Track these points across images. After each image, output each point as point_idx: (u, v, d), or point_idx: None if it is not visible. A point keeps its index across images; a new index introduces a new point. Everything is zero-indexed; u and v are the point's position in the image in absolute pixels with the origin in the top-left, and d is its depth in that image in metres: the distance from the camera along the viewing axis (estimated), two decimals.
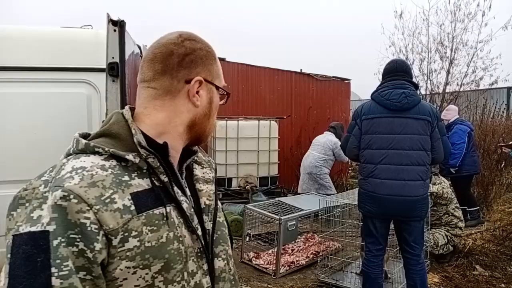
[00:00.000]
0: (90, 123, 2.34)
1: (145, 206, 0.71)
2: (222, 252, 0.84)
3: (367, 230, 2.87)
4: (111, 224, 0.66)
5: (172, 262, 0.72)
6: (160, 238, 0.71)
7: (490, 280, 3.68)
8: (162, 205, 0.74)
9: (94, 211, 0.65)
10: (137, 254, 0.68)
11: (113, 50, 1.67)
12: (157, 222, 0.72)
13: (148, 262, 0.69)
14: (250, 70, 7.57)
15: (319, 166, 5.79)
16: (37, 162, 2.30)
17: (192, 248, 0.78)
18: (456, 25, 8.54)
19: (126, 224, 0.68)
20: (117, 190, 0.70)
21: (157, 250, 0.70)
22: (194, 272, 0.77)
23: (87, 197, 0.65)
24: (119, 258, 0.67)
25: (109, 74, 1.65)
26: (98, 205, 0.66)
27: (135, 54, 2.24)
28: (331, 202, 3.82)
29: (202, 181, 0.90)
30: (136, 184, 0.73)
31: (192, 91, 0.82)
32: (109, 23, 1.65)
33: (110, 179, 0.70)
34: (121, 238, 0.67)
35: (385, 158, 2.69)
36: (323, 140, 5.95)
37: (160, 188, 0.75)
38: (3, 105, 2.31)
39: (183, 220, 0.77)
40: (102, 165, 0.71)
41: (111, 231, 0.66)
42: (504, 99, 10.91)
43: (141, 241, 0.69)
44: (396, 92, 2.69)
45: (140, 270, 0.69)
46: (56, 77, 2.34)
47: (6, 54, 2.30)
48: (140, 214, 0.70)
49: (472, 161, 5.36)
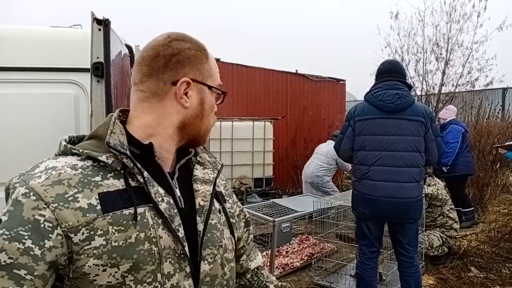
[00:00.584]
0: (77, 124, 2.29)
1: (113, 206, 0.72)
2: (209, 255, 0.81)
3: (361, 232, 2.85)
4: (70, 221, 0.68)
5: (142, 263, 0.72)
6: (128, 238, 0.72)
7: (485, 282, 3.66)
8: (132, 206, 0.73)
9: (51, 209, 0.68)
10: (104, 253, 0.69)
11: (98, 49, 1.63)
12: (125, 223, 0.72)
13: (116, 261, 0.70)
14: (245, 71, 7.54)
15: (320, 176, 5.61)
16: (23, 164, 2.26)
17: (170, 250, 0.76)
18: (451, 26, 8.56)
19: (92, 223, 0.69)
20: (82, 190, 0.71)
21: (124, 250, 0.71)
22: (171, 274, 0.76)
23: (45, 195, 0.68)
24: (86, 256, 0.69)
25: (94, 74, 1.61)
26: (56, 203, 0.68)
27: (123, 54, 2.20)
28: (326, 203, 3.79)
29: (201, 182, 0.88)
30: (109, 184, 0.74)
31: (179, 92, 0.82)
32: (94, 22, 1.61)
33: (77, 179, 0.72)
34: (87, 236, 0.69)
35: (378, 159, 2.66)
36: (326, 150, 5.72)
37: (136, 189, 0.75)
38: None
39: (162, 221, 0.76)
40: (73, 165, 0.74)
41: (70, 228, 0.68)
42: (499, 100, 10.95)
43: (107, 240, 0.70)
44: (389, 93, 2.66)
45: (109, 268, 0.70)
46: (43, 78, 2.28)
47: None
48: (106, 214, 0.71)
49: (465, 162, 5.36)
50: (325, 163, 5.65)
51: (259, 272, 1.08)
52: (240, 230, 1.03)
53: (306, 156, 7.52)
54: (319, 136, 7.68)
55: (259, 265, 1.09)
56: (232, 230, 0.93)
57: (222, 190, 1.00)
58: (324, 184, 5.63)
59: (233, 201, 1.04)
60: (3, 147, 2.25)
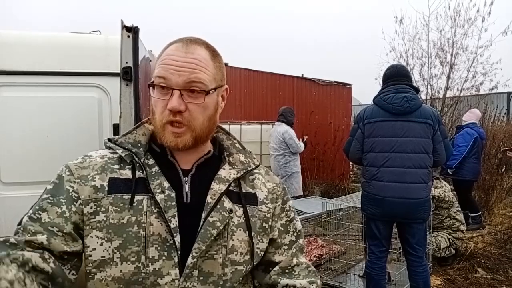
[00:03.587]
0: (100, 125, 2.39)
1: (116, 189, 0.83)
2: (195, 250, 0.81)
3: (370, 232, 2.91)
4: (83, 195, 0.82)
5: (128, 242, 0.80)
6: (121, 219, 0.81)
7: (492, 282, 3.70)
8: (130, 193, 0.83)
9: (77, 182, 0.83)
10: (104, 227, 0.81)
11: (127, 55, 1.72)
12: (122, 205, 0.82)
13: (110, 236, 0.80)
14: (253, 75, 7.65)
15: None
16: (48, 164, 2.37)
17: (158, 237, 0.81)
18: (456, 31, 8.60)
19: (99, 201, 0.82)
20: (101, 173, 0.85)
21: (117, 228, 0.81)
22: (155, 259, 0.80)
23: (76, 173, 0.84)
24: (91, 227, 0.81)
25: (123, 78, 1.71)
26: (81, 179, 0.84)
27: (146, 58, 2.30)
28: (334, 205, 3.86)
29: (219, 181, 0.90)
30: (122, 173, 0.86)
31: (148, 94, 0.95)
32: (123, 29, 1.71)
33: (100, 165, 0.87)
34: (94, 211, 0.82)
35: (388, 161, 2.73)
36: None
37: (140, 179, 0.85)
38: (16, 109, 2.37)
39: (158, 210, 0.82)
40: (103, 155, 0.89)
41: (83, 200, 0.82)
42: (504, 104, 10.97)
43: (107, 217, 0.81)
44: (398, 96, 2.73)
45: (105, 242, 0.80)
46: (67, 82, 2.40)
47: (18, 59, 2.37)
48: (110, 195, 0.83)
49: (471, 167, 5.29)
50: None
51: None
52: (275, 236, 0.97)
53: (312, 159, 7.60)
54: (325, 140, 7.75)
55: (295, 285, 0.94)
56: (251, 233, 0.89)
57: (264, 193, 0.97)
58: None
59: (280, 208, 0.99)
60: (30, 147, 2.36)
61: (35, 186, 2.35)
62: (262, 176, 1.00)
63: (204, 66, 0.85)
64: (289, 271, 0.97)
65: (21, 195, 2.33)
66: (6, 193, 2.34)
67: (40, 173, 2.34)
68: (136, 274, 0.80)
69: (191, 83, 0.83)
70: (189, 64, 0.83)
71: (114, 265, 0.80)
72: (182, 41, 0.86)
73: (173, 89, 0.82)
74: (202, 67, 0.84)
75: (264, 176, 1.01)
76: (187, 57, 0.83)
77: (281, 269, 0.96)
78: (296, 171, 5.38)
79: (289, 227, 1.00)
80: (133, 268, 0.80)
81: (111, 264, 0.80)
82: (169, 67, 0.82)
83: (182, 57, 0.83)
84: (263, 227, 0.93)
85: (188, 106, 0.84)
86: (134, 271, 0.80)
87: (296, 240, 1.00)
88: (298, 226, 1.02)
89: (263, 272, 0.97)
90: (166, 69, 0.82)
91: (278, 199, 0.99)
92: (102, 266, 0.80)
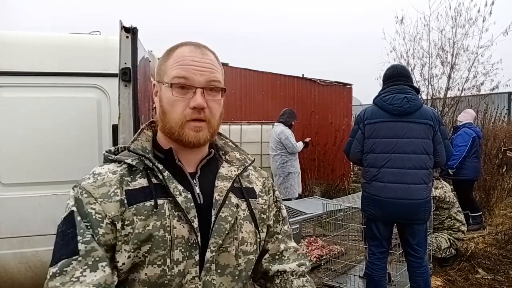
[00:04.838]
0: (100, 126, 2.39)
1: (136, 200, 0.84)
2: (212, 244, 0.86)
3: (370, 233, 2.90)
4: (112, 211, 0.82)
5: (155, 247, 0.82)
6: (146, 226, 0.82)
7: (492, 283, 3.70)
8: (152, 198, 0.84)
9: (99, 202, 0.82)
10: (130, 239, 0.81)
11: (126, 56, 1.72)
12: (146, 213, 0.83)
13: (137, 246, 0.81)
14: (253, 75, 7.64)
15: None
16: (48, 165, 2.36)
17: (182, 239, 0.84)
18: (457, 31, 8.57)
19: (122, 215, 0.82)
20: (119, 186, 0.85)
21: (143, 236, 0.82)
22: (180, 261, 0.84)
23: (94, 193, 0.83)
24: (122, 242, 0.82)
25: (122, 79, 1.70)
26: (102, 198, 0.83)
27: (145, 59, 2.30)
28: (334, 205, 3.86)
29: (223, 178, 0.95)
30: (135, 183, 0.87)
31: (152, 94, 0.97)
32: (122, 29, 1.71)
33: (116, 179, 0.86)
34: (121, 225, 0.82)
35: (388, 161, 2.72)
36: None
37: (157, 185, 0.87)
38: (16, 109, 2.36)
39: (180, 213, 0.85)
40: (114, 171, 0.88)
41: (113, 217, 0.82)
42: (505, 104, 10.95)
43: (133, 228, 0.82)
44: (398, 97, 2.73)
45: (132, 253, 0.81)
46: (66, 82, 2.39)
47: (18, 59, 2.36)
48: (131, 206, 0.83)
49: (471, 167, 5.32)
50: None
51: (287, 279, 1.01)
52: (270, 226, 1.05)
53: (313, 159, 7.59)
54: (326, 140, 7.75)
55: (285, 269, 1.02)
56: (257, 224, 0.96)
57: (258, 186, 1.04)
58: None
59: (272, 199, 1.06)
60: (29, 148, 2.35)
61: (35, 187, 2.35)
62: (253, 171, 1.08)
63: (217, 67, 0.93)
64: (278, 257, 1.04)
65: (20, 196, 2.32)
66: (6, 194, 2.33)
67: (39, 174, 2.34)
68: (162, 277, 0.82)
69: (211, 81, 0.89)
70: (207, 65, 0.90)
71: (140, 269, 0.82)
72: (193, 45, 0.92)
73: (196, 87, 0.87)
74: (217, 68, 0.93)
75: (255, 172, 1.08)
76: (204, 58, 0.90)
77: (271, 256, 1.04)
78: (293, 172, 5.39)
79: (279, 216, 1.08)
80: (159, 271, 0.82)
81: (140, 267, 0.83)
82: (190, 68, 0.88)
83: (201, 58, 0.89)
84: (262, 218, 1.00)
85: (208, 103, 0.89)
86: (160, 274, 0.82)
87: (283, 227, 1.08)
88: (284, 214, 1.10)
89: (256, 262, 1.01)
90: (187, 70, 0.88)
91: (270, 191, 1.07)
92: (131, 271, 0.84)
